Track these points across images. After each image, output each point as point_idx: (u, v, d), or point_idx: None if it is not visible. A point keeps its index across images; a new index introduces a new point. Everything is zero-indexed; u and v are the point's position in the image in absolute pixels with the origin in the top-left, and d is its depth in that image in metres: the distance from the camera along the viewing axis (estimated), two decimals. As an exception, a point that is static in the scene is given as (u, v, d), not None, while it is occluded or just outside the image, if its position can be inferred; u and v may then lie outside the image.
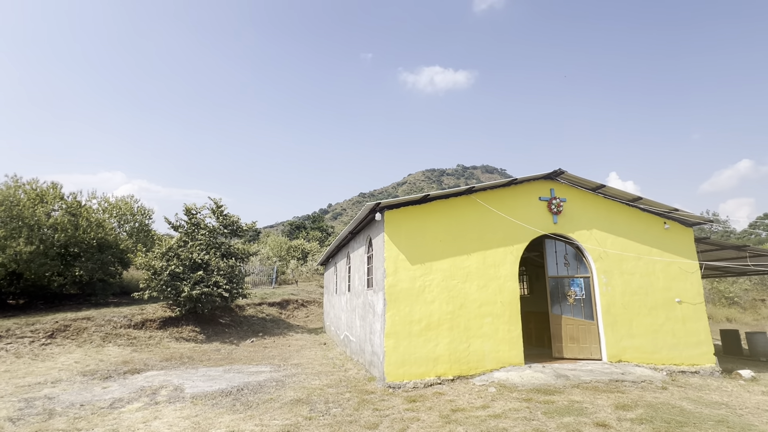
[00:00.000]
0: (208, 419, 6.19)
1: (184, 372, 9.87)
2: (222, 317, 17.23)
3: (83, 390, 8.22)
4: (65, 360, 11.19)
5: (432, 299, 8.53)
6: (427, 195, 8.81)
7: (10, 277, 17.04)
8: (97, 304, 18.01)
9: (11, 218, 16.30)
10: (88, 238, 18.12)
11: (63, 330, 13.11)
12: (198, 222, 17.12)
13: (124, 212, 22.59)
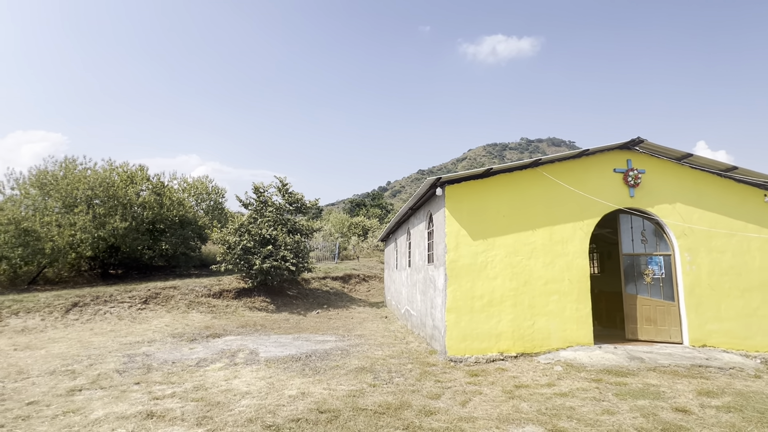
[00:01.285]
0: (281, 381, 6.67)
1: (258, 338, 10.65)
2: (290, 289, 18.25)
3: (173, 350, 9.20)
4: (157, 323, 12.54)
5: (495, 275, 8.37)
6: (489, 169, 8.53)
7: (110, 250, 19.23)
8: (181, 275, 19.87)
9: (108, 198, 18.28)
10: (171, 216, 19.88)
11: (154, 297, 14.65)
12: (266, 200, 18.05)
13: (201, 191, 24.42)
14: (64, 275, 19.17)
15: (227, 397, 5.83)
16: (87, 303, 13.34)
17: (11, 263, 16.67)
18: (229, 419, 5.00)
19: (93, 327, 11.86)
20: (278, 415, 5.13)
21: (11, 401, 5.88)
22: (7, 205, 17.85)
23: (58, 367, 7.69)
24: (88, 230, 17.10)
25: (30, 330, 11.27)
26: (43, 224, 16.81)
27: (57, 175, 18.80)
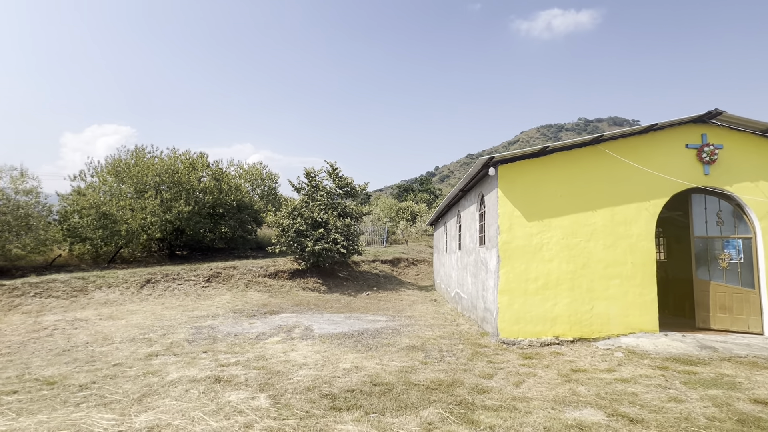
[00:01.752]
0: (335, 355, 6.91)
1: (312, 316, 11.07)
2: (340, 271, 18.72)
3: (235, 324, 9.79)
4: (219, 300, 13.39)
5: (550, 257, 8.08)
6: (546, 147, 8.17)
7: (175, 232, 20.68)
8: (239, 256, 20.99)
9: (173, 183, 19.58)
10: (229, 200, 20.96)
11: (216, 276, 15.62)
12: (317, 184, 18.51)
13: (256, 177, 25.50)
14: (137, 255, 20.91)
15: (286, 367, 6.14)
16: (158, 280, 14.49)
17: (93, 243, 18.42)
18: (288, 387, 5.28)
19: (164, 301, 12.89)
20: (334, 386, 5.34)
21: (100, 362, 6.57)
22: (89, 191, 19.66)
23: (137, 335, 8.47)
24: (157, 214, 18.47)
25: (111, 302, 12.45)
26: (119, 208, 18.36)
27: (129, 163, 20.39)
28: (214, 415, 4.32)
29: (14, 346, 7.97)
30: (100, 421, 4.14)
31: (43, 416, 4.29)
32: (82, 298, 12.61)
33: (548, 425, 4.17)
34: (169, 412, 4.40)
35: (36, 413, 4.41)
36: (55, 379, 5.67)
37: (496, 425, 4.16)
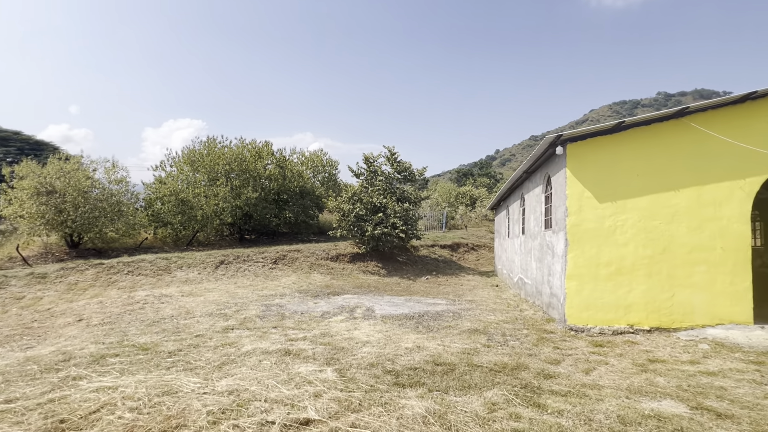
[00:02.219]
0: (397, 335, 7.03)
1: (372, 298, 11.31)
2: (399, 256, 18.89)
3: (300, 303, 10.28)
4: (285, 281, 14.10)
5: (625, 241, 7.54)
6: (621, 122, 7.57)
7: (244, 217, 21.98)
8: (302, 240, 21.90)
9: (242, 171, 20.76)
10: (292, 186, 21.84)
11: (282, 258, 16.44)
12: (375, 169, 18.70)
13: (317, 164, 26.28)
14: (211, 238, 22.54)
15: (350, 344, 6.36)
16: (230, 261, 15.55)
17: (174, 228, 20.12)
18: (353, 362, 5.47)
19: (236, 281, 13.84)
20: (397, 363, 5.45)
21: (184, 333, 7.23)
22: (168, 180, 21.42)
23: (214, 311, 9.19)
24: (228, 200, 19.73)
25: (191, 281, 13.59)
26: (195, 195, 19.84)
27: (202, 153, 21.89)
28: (285, 383, 4.60)
29: (113, 317, 9.00)
30: (187, 383, 4.57)
31: (140, 376, 4.82)
32: (166, 277, 13.89)
33: (622, 414, 3.95)
34: (246, 379, 4.75)
35: (135, 374, 4.96)
36: (148, 346, 6.33)
37: (564, 410, 4.02)
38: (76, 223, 16.72)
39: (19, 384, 4.64)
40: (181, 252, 17.49)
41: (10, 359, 5.91)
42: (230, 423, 3.59)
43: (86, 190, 17.60)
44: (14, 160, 32.42)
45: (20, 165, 17.50)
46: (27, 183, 16.68)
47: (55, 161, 17.76)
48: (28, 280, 12.56)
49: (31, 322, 9.08)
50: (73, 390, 4.38)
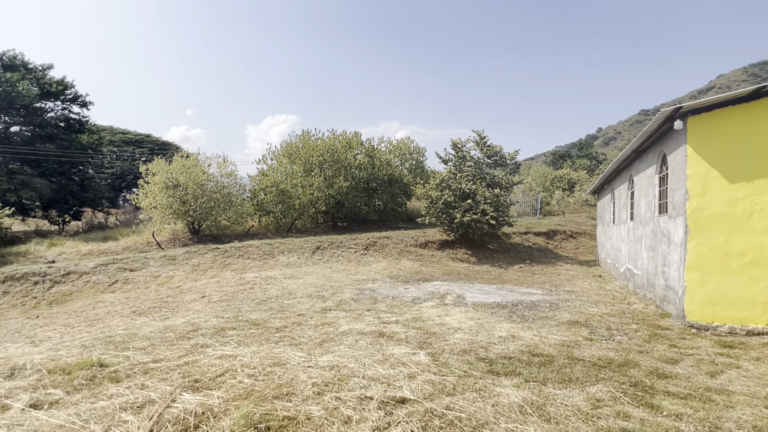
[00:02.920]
0: (489, 323, 6.90)
1: (463, 285, 11.20)
2: (490, 243, 18.37)
3: (391, 288, 10.57)
4: (376, 266, 14.58)
5: (764, 228, 6.43)
6: (761, 87, 6.40)
7: (337, 205, 23.10)
8: (391, 227, 22.38)
9: (334, 162, 21.77)
10: (381, 175, 22.34)
11: (372, 245, 17.00)
12: (464, 155, 18.30)
13: (404, 152, 26.50)
14: (308, 226, 24.11)
15: (441, 330, 6.40)
16: (325, 247, 16.51)
17: (275, 216, 21.91)
18: (445, 347, 5.50)
19: (331, 266, 14.67)
20: (490, 351, 5.36)
21: (288, 312, 7.89)
22: (269, 172, 23.31)
23: (313, 293, 9.87)
24: (322, 189, 20.88)
25: (291, 264, 14.74)
26: (292, 186, 21.35)
27: (298, 147, 23.39)
28: (381, 363, 4.80)
29: (229, 295, 10.15)
30: (293, 356, 5.00)
31: (254, 348, 5.39)
32: (270, 260, 15.23)
33: (759, 425, 3.44)
34: (345, 356, 5.05)
35: (249, 345, 5.57)
36: (258, 322, 7.04)
37: (683, 414, 3.62)
38: (196, 212, 19.06)
39: (161, 348, 5.49)
40: (282, 238, 19.00)
41: (153, 327, 7.01)
42: (333, 395, 3.86)
43: (203, 184, 19.93)
44: (147, 159, 38.03)
45: (152, 163, 20.40)
46: (158, 178, 19.39)
47: (178, 159, 20.36)
48: (162, 262, 14.69)
49: (166, 297, 10.63)
50: (201, 356, 5.06)
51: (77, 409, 3.10)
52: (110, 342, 5.91)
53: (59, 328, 8.17)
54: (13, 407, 3.06)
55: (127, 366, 4.45)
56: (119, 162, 42.01)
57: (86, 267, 13.71)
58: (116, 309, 9.62)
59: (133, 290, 12.28)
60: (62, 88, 29.46)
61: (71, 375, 3.97)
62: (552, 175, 33.39)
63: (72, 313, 9.79)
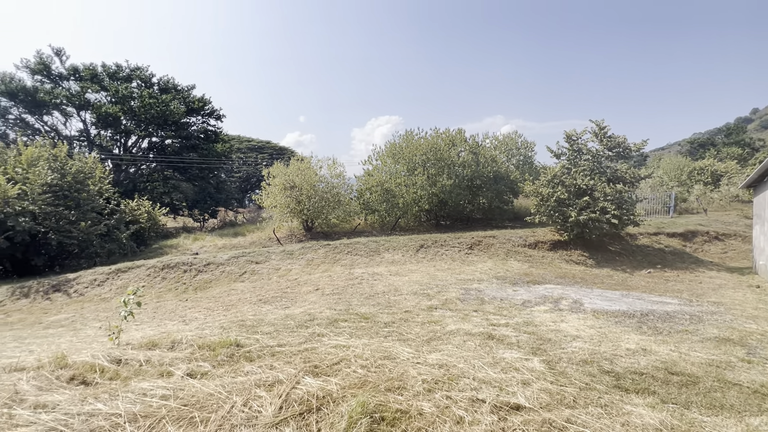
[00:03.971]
0: (613, 333, 6.21)
1: (579, 289, 10.28)
2: (611, 244, 16.58)
3: (498, 290, 10.17)
4: (481, 267, 14.16)
5: None
6: None
7: (440, 204, 23.01)
8: (496, 226, 21.55)
9: (437, 160, 21.71)
10: (486, 172, 21.64)
11: (477, 244, 16.55)
12: (580, 147, 16.78)
13: (510, 147, 25.31)
14: (411, 224, 24.45)
15: (557, 336, 5.95)
16: (429, 246, 16.56)
17: (380, 214, 22.64)
18: (562, 355, 5.10)
19: (435, 264, 14.66)
20: (616, 364, 4.82)
21: (394, 308, 8.09)
22: (374, 172, 24.16)
23: (418, 290, 9.97)
24: (425, 188, 20.97)
25: (396, 262, 15.09)
26: (396, 185, 21.82)
27: (401, 146, 23.83)
28: (491, 366, 4.63)
29: (340, 289, 10.76)
30: (402, 351, 5.10)
31: (365, 340, 5.63)
32: (376, 257, 15.77)
33: None
34: (453, 356, 4.98)
35: (360, 337, 5.83)
36: (368, 316, 7.33)
37: None
38: (310, 211, 20.62)
39: (284, 333, 6.04)
40: (387, 236, 19.55)
41: (276, 315, 7.75)
42: (443, 393, 3.84)
43: (315, 184, 21.48)
44: (268, 164, 42.27)
45: (273, 167, 22.60)
46: (277, 180, 21.42)
47: (294, 162, 22.24)
48: (282, 256, 16.19)
49: (285, 288, 11.69)
50: (318, 344, 5.44)
51: (222, 381, 3.56)
52: (242, 325, 6.69)
53: (203, 311, 9.51)
54: (175, 374, 3.64)
55: (258, 348, 4.98)
56: (245, 166, 47.48)
57: (222, 259, 15.75)
58: (246, 297, 10.87)
59: (258, 280, 13.75)
60: (202, 104, 34.27)
61: (215, 351, 4.57)
62: (690, 167, 28.81)
63: (212, 298, 11.32)
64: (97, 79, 31.69)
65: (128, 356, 4.16)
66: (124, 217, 20.71)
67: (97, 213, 18.85)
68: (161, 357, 4.21)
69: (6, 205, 15.25)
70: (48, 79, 30.97)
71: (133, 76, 33.22)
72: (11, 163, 17.42)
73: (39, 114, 30.67)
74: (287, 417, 3.06)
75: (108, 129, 32.12)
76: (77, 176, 18.64)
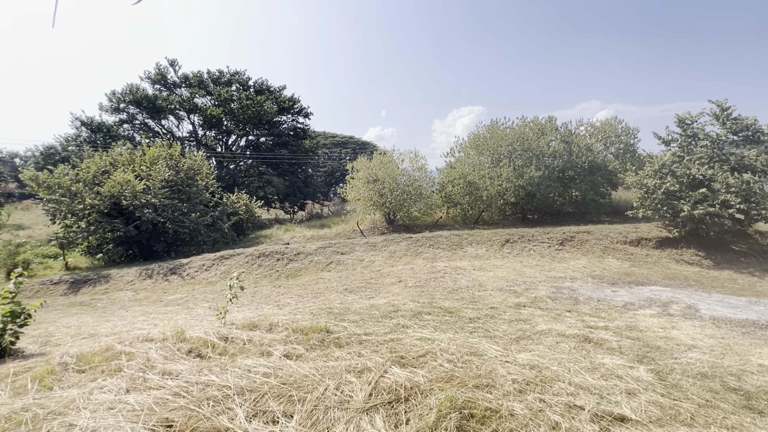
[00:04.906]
0: (740, 345, 5.38)
1: (693, 293, 9.09)
2: (734, 243, 14.41)
3: (594, 289, 9.38)
4: (574, 264, 13.19)
5: None
6: None
7: (527, 197, 21.88)
8: (591, 221, 19.91)
9: (524, 150, 20.63)
10: (579, 162, 20.07)
11: (569, 240, 15.45)
12: (695, 132, 14.77)
13: (609, 135, 23.14)
14: (495, 218, 23.61)
15: (667, 345, 5.32)
16: (515, 240, 15.84)
17: (463, 208, 22.19)
18: (674, 366, 4.54)
19: (521, 260, 13.99)
20: (745, 381, 4.17)
21: (479, 303, 7.87)
22: (457, 164, 23.71)
23: (504, 286, 9.59)
24: (511, 180, 20.07)
25: (480, 256, 14.68)
26: (480, 177, 21.18)
27: (486, 137, 23.04)
28: (589, 372, 4.28)
29: (422, 281, 10.77)
30: (489, 349, 4.93)
31: (450, 335, 5.55)
32: (459, 251, 15.50)
33: None
34: (545, 357, 4.70)
35: (445, 331, 5.76)
36: (452, 310, 7.23)
37: None
38: (392, 204, 20.89)
39: (369, 323, 6.20)
40: (470, 230, 19.11)
41: (361, 304, 7.98)
42: (536, 396, 3.63)
43: (397, 178, 21.69)
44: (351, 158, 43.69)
45: (357, 161, 23.27)
46: (361, 174, 22.02)
47: (377, 156, 22.67)
48: (365, 248, 16.65)
49: (369, 279, 12.00)
50: (403, 335, 5.48)
51: (315, 364, 3.75)
52: (331, 312, 6.99)
53: (294, 297, 10.15)
54: (273, 354, 3.91)
55: (346, 335, 5.16)
56: (330, 161, 49.61)
57: (310, 249, 16.66)
58: (332, 285, 11.37)
59: (343, 270, 14.31)
60: (292, 103, 36.40)
61: (307, 336, 4.84)
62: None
63: (301, 285, 12.04)
64: (203, 84, 35.27)
65: (233, 335, 4.57)
66: (226, 209, 22.88)
67: (204, 205, 21.06)
68: (261, 338, 4.55)
69: (135, 198, 17.69)
70: (164, 87, 35.21)
71: (233, 80, 36.38)
72: (138, 162, 20.16)
73: (158, 119, 35.05)
74: (377, 404, 3.12)
75: (212, 129, 35.63)
76: (188, 173, 20.97)
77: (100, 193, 17.39)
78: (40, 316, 8.92)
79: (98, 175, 18.49)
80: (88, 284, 14.38)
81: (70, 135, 32.84)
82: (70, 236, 17.55)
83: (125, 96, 32.91)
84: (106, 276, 14.96)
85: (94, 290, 13.95)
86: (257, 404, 2.81)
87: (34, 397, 2.72)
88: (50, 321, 8.36)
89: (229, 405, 2.75)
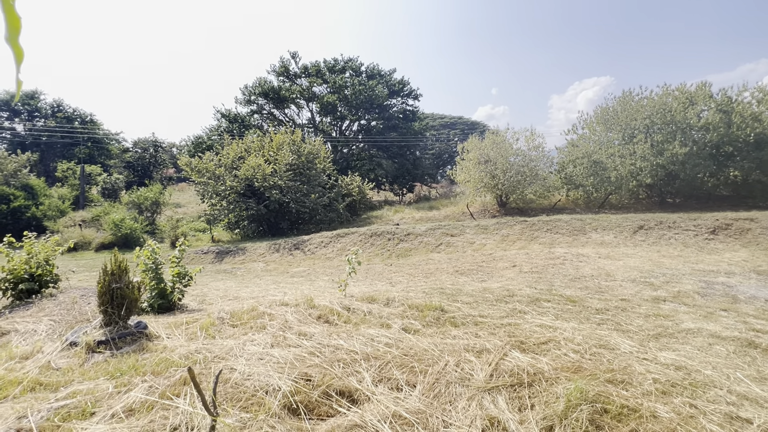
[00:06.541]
0: None
1: None
2: None
3: (761, 287, 7.80)
4: (730, 256, 11.14)
5: None
6: None
7: (667, 177, 19.00)
8: (755, 206, 16.52)
9: (665, 124, 17.85)
10: (743, 135, 16.68)
11: (724, 228, 13.07)
12: None
13: (785, 101, 18.71)
14: (624, 201, 21.04)
15: None
16: (651, 227, 13.95)
17: (585, 190, 20.22)
18: None
19: (659, 249, 12.28)
20: None
21: (607, 294, 7.14)
22: (581, 142, 21.57)
23: (637, 277, 8.54)
24: (647, 158, 17.59)
25: (606, 243, 13.28)
26: (608, 156, 18.98)
27: (616, 110, 20.46)
28: (756, 382, 3.60)
29: (539, 267, 10.15)
30: (622, 343, 4.45)
31: (574, 324, 5.14)
32: (581, 237, 14.21)
33: None
34: (694, 359, 4.08)
35: (568, 320, 5.36)
36: (574, 299, 6.68)
37: None
38: (504, 185, 19.97)
39: (483, 305, 6.06)
40: (594, 214, 17.37)
41: (474, 287, 7.85)
42: (684, 399, 3.18)
43: (510, 158, 20.61)
44: (460, 139, 42.71)
45: (467, 141, 22.66)
46: (472, 155, 21.42)
47: (490, 135, 21.78)
48: (476, 230, 16.27)
49: (480, 262, 11.72)
50: (521, 321, 5.25)
51: (433, 340, 3.80)
52: (443, 293, 7.01)
53: (405, 276, 10.42)
54: (393, 327, 4.07)
55: (461, 315, 5.12)
56: (437, 143, 49.21)
57: (420, 230, 16.87)
58: (442, 267, 11.38)
59: (453, 252, 14.22)
60: (402, 86, 36.76)
61: (423, 313, 4.92)
62: None
63: (412, 265, 12.28)
64: (320, 74, 37.57)
65: (354, 306, 4.86)
66: (340, 190, 24.34)
67: (321, 187, 22.68)
68: (379, 310, 4.76)
69: (265, 180, 19.83)
70: (287, 78, 38.38)
71: (346, 68, 38.04)
72: (266, 148, 22.47)
73: (281, 108, 38.47)
74: (498, 386, 3.05)
75: (328, 116, 37.91)
76: (308, 157, 22.73)
77: (237, 176, 19.87)
78: (196, 280, 10.62)
79: (235, 160, 21.13)
80: (229, 255, 16.67)
81: (213, 126, 37.94)
82: (214, 213, 20.50)
83: (255, 89, 36.77)
84: (242, 248, 17.16)
85: (234, 260, 16.12)
86: (381, 371, 2.96)
87: (202, 343, 3.25)
88: (203, 284, 9.92)
89: (357, 368, 2.93)
